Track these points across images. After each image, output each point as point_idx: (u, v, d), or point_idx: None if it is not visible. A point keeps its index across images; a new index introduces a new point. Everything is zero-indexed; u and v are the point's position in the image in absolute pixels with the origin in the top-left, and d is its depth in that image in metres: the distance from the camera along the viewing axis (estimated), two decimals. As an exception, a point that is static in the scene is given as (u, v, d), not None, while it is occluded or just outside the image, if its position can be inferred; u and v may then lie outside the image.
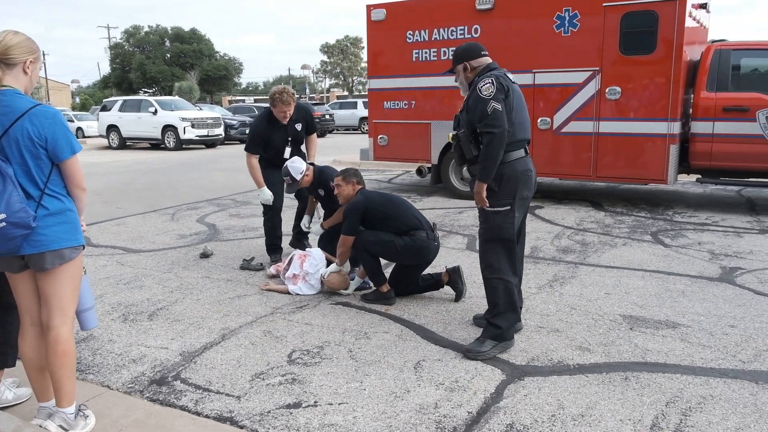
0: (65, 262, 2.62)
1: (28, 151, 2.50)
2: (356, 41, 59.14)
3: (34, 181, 2.54)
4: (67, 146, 2.57)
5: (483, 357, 3.54)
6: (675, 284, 4.94)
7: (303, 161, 5.41)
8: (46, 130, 2.51)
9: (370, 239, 4.44)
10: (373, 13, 9.74)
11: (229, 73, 57.61)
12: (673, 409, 2.95)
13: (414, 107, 9.60)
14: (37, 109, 2.53)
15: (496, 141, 3.39)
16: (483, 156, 3.46)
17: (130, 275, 5.43)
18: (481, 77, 3.56)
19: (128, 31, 56.87)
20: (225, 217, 8.26)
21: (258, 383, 3.29)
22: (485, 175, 3.48)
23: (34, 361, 2.73)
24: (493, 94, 3.41)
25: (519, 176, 3.57)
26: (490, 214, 3.60)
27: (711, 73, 7.73)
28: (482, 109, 3.41)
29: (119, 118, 22.12)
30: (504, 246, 3.62)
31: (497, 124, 3.38)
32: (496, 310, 3.64)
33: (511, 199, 3.56)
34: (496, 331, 3.61)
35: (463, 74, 3.74)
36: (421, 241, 4.44)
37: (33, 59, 2.62)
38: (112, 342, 3.90)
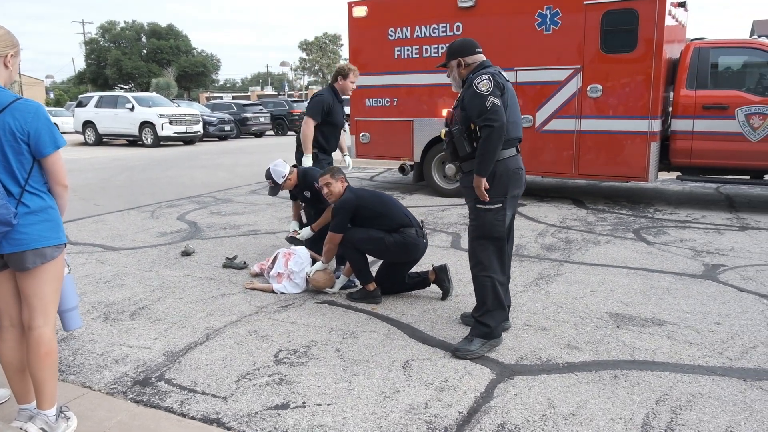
0: (47, 262, 2.53)
1: (10, 147, 2.42)
2: (335, 38, 58.97)
3: (14, 177, 2.45)
4: (51, 141, 2.49)
5: (472, 356, 3.52)
6: (659, 281, 4.97)
7: (286, 164, 5.33)
8: (28, 125, 2.43)
9: (359, 236, 4.39)
10: (355, 9, 9.67)
11: (206, 70, 57.05)
12: (663, 407, 2.95)
13: (396, 104, 9.56)
14: (19, 103, 2.45)
15: (495, 135, 3.37)
16: (482, 150, 3.43)
17: (110, 273, 5.31)
18: (476, 74, 3.53)
19: (104, 27, 56.00)
20: (206, 214, 8.14)
21: (245, 384, 3.23)
22: (483, 169, 3.46)
23: (14, 364, 2.64)
24: (491, 90, 3.39)
25: (511, 174, 3.57)
26: (481, 211, 3.58)
27: (690, 71, 7.81)
28: (480, 105, 3.39)
29: (95, 114, 21.73)
30: (494, 243, 3.61)
31: (496, 118, 3.36)
32: (485, 308, 3.62)
33: (503, 197, 3.56)
34: (485, 329, 3.59)
35: (456, 70, 3.71)
36: (410, 238, 4.41)
37: (14, 53, 2.54)
38: (93, 342, 3.80)
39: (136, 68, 51.20)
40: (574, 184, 10.75)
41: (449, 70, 3.77)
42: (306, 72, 60.86)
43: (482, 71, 3.54)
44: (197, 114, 22.33)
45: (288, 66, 42.70)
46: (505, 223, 3.63)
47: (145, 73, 50.54)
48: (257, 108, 27.62)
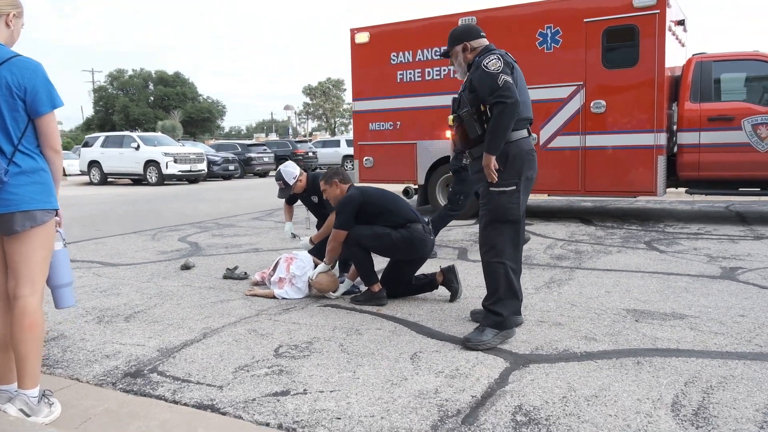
0: (37, 225, 2.40)
1: (5, 102, 2.32)
2: (338, 83, 59.88)
3: (8, 134, 2.35)
4: (48, 99, 2.40)
5: (483, 346, 3.31)
6: (676, 282, 4.77)
7: (297, 166, 5.28)
8: (26, 81, 2.35)
9: (364, 233, 4.23)
10: (357, 36, 9.75)
11: (212, 115, 57.84)
12: (693, 388, 2.74)
13: (399, 128, 9.52)
14: (18, 58, 2.37)
15: (508, 111, 3.26)
16: (493, 127, 3.30)
17: (107, 284, 5.14)
18: (483, 56, 3.45)
19: (112, 75, 57.12)
20: (208, 237, 8.00)
21: (242, 374, 3.02)
22: (494, 146, 3.33)
23: (1, 336, 2.47)
24: (502, 68, 3.31)
25: (525, 155, 3.45)
26: (494, 194, 3.43)
27: (694, 85, 7.76)
28: (491, 83, 3.30)
29: (101, 154, 21.84)
30: (509, 228, 3.45)
31: (509, 94, 3.26)
32: (496, 296, 3.43)
33: (517, 179, 3.42)
34: (497, 318, 3.39)
35: (462, 55, 3.63)
36: (418, 233, 4.25)
37: (16, 13, 2.48)
38: (85, 341, 3.61)
39: (142, 114, 51.94)
40: (580, 206, 10.60)
41: (453, 57, 3.70)
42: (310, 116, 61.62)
43: (489, 53, 3.46)
44: (202, 153, 22.44)
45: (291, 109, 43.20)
46: (520, 207, 3.48)
47: (151, 118, 51.22)
48: (261, 148, 27.80)
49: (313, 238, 5.11)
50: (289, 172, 5.17)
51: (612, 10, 7.75)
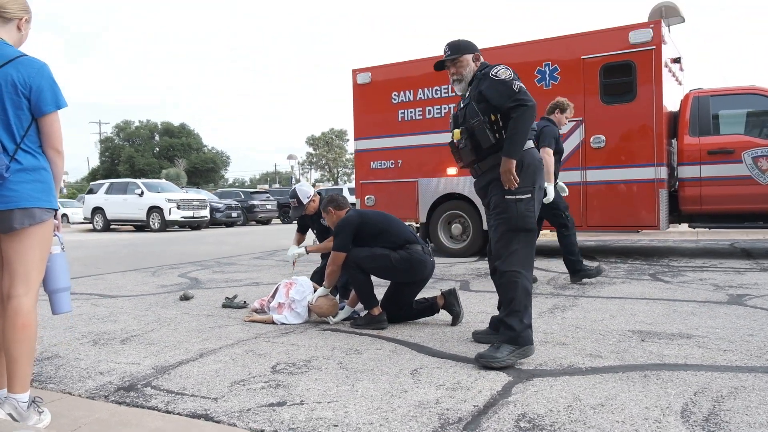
0: (35, 224, 2.38)
1: (10, 99, 2.34)
2: (341, 134, 60.72)
3: (11, 132, 2.35)
4: (52, 99, 2.41)
5: (497, 364, 3.13)
6: (682, 307, 4.69)
7: (311, 186, 5.32)
8: (31, 79, 2.37)
9: (363, 254, 4.19)
10: (359, 76, 9.94)
11: (216, 166, 58.43)
12: (703, 397, 2.65)
13: (401, 166, 9.58)
14: (25, 57, 2.41)
15: (529, 114, 3.23)
16: (513, 130, 3.24)
17: (105, 313, 5.07)
18: (488, 68, 3.42)
19: (119, 126, 58.10)
20: (208, 273, 7.95)
21: (238, 388, 2.94)
22: (515, 150, 3.25)
23: None
24: (514, 76, 3.30)
25: (537, 164, 3.41)
26: (511, 202, 3.32)
27: (692, 119, 7.84)
28: (507, 89, 3.26)
29: (105, 200, 21.97)
30: (526, 237, 3.35)
31: (528, 98, 3.24)
32: (512, 307, 3.27)
33: (531, 187, 3.36)
34: (512, 333, 3.22)
35: (471, 65, 3.55)
36: (417, 254, 4.21)
37: (27, 18, 2.55)
38: (79, 360, 3.54)
39: (148, 164, 52.52)
40: (583, 244, 10.54)
41: (459, 66, 3.55)
42: (313, 166, 62.24)
43: (493, 64, 3.46)
44: (205, 200, 22.55)
45: (295, 159, 43.61)
46: (535, 215, 3.38)
47: (156, 168, 51.76)
48: (264, 195, 27.96)
49: (309, 248, 5.10)
50: (304, 191, 5.20)
51: (609, 47, 7.91)
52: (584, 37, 8.18)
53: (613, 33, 7.91)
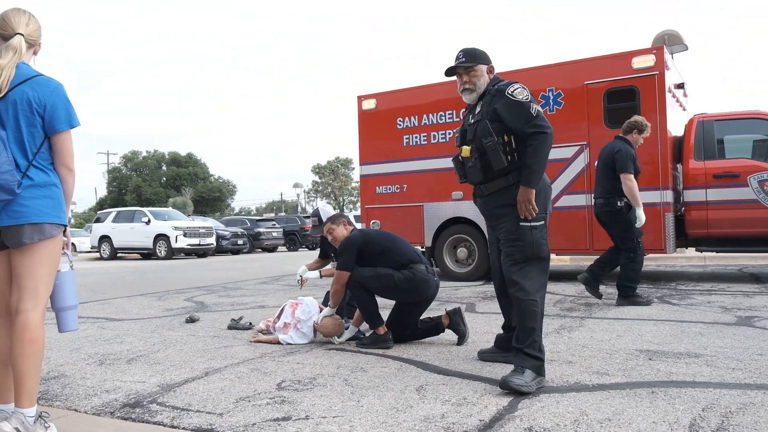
0: (45, 239, 2.41)
1: (24, 117, 2.40)
2: (347, 162, 61.08)
3: (24, 150, 2.41)
4: (66, 117, 2.48)
5: (527, 389, 2.96)
6: (690, 328, 4.66)
7: (332, 207, 5.40)
8: (46, 98, 2.43)
9: (367, 274, 4.20)
10: (364, 103, 10.06)
11: (222, 195, 58.77)
12: (712, 413, 2.62)
13: (406, 190, 9.63)
14: (41, 77, 2.48)
15: (549, 141, 3.15)
16: (534, 159, 3.13)
17: (111, 335, 5.08)
18: (503, 84, 3.30)
19: (126, 156, 58.68)
20: (214, 297, 7.95)
21: (243, 404, 2.94)
22: (535, 180, 3.14)
23: (3, 349, 2.46)
24: (530, 98, 3.19)
25: (547, 188, 3.35)
26: (525, 230, 3.19)
27: (697, 143, 7.88)
28: (524, 113, 3.15)
29: (112, 229, 22.10)
30: (540, 264, 3.24)
31: (547, 124, 3.15)
32: (532, 338, 3.13)
33: (544, 213, 3.27)
34: (537, 362, 3.10)
35: (486, 77, 3.42)
36: (421, 273, 4.22)
37: (41, 43, 2.63)
38: (85, 379, 3.54)
39: (155, 194, 52.89)
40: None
41: (473, 75, 3.39)
42: (319, 195, 62.52)
43: (508, 82, 3.32)
44: (211, 227, 22.64)
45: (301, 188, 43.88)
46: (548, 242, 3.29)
47: (163, 198, 52.09)
48: (270, 223, 28.07)
49: (323, 271, 5.08)
50: (327, 210, 5.29)
51: (612, 72, 8.00)
52: (587, 63, 8.28)
53: (616, 59, 8.00)
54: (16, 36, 2.46)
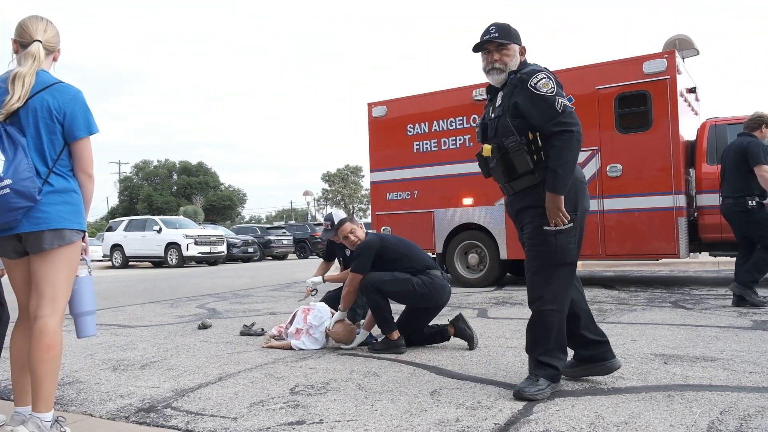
0: (64, 245, 2.43)
1: (45, 125, 2.42)
2: (356, 170, 61.21)
3: (44, 157, 2.43)
4: (85, 125, 2.50)
5: (542, 396, 2.90)
6: (705, 332, 4.62)
7: (345, 213, 5.47)
8: (66, 105, 2.46)
9: (384, 278, 4.19)
10: (374, 110, 10.09)
11: (233, 203, 59.02)
12: (730, 416, 2.59)
13: (417, 197, 9.63)
14: (61, 84, 2.51)
15: (575, 140, 2.84)
16: (559, 161, 2.82)
17: (124, 341, 5.10)
18: (528, 73, 2.96)
19: (138, 166, 59.12)
20: (226, 304, 7.98)
21: (257, 408, 2.94)
22: (562, 184, 2.83)
23: (23, 354, 2.49)
24: (556, 90, 2.86)
25: (579, 185, 2.99)
26: (550, 234, 2.92)
27: (710, 147, 7.83)
28: (548, 108, 2.84)
29: (124, 238, 22.26)
30: (565, 271, 2.96)
31: (573, 121, 2.84)
32: (546, 346, 2.97)
33: (573, 213, 2.94)
34: (552, 371, 2.97)
35: (517, 57, 3.09)
36: (438, 279, 4.22)
37: (60, 49, 2.65)
38: (99, 384, 3.56)
39: (166, 203, 53.21)
40: (601, 275, 10.45)
41: (504, 54, 3.07)
42: (329, 203, 62.65)
43: (533, 68, 3.00)
44: (222, 235, 22.74)
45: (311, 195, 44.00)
46: (578, 245, 3.00)
47: (174, 207, 52.38)
48: (280, 231, 28.15)
49: (326, 277, 5.14)
50: (339, 214, 5.35)
51: (623, 77, 7.97)
52: (598, 67, 8.26)
53: (628, 64, 7.98)
54: (34, 43, 2.49)
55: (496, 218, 8.83)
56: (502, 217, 8.74)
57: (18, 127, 2.40)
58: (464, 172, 9.11)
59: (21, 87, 2.39)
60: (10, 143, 2.35)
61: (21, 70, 2.42)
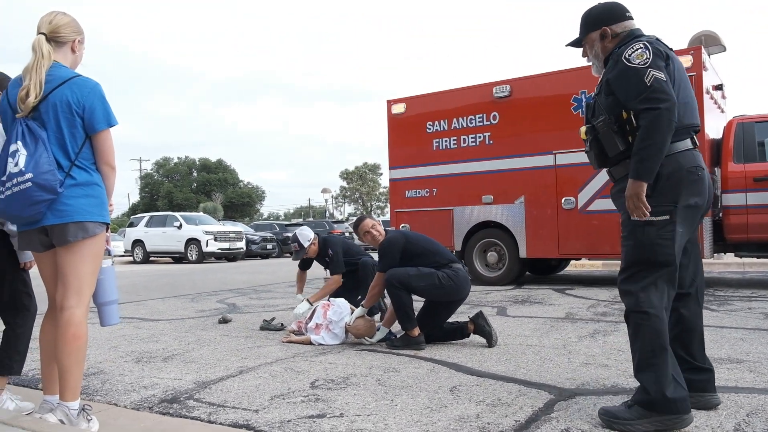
0: (88, 237, 2.47)
1: (65, 119, 2.45)
2: (374, 168, 61.21)
3: (65, 150, 2.46)
4: (104, 117, 2.53)
5: (619, 426, 2.45)
6: (731, 334, 4.55)
7: (311, 231, 5.53)
8: (85, 99, 2.48)
9: (410, 272, 4.18)
10: (394, 107, 10.08)
11: (251, 200, 59.36)
12: (757, 418, 2.56)
13: (436, 194, 9.60)
14: (79, 78, 2.53)
15: (664, 120, 2.43)
16: (642, 143, 2.47)
17: (146, 334, 5.17)
18: (626, 44, 2.64)
19: (158, 162, 59.73)
20: (246, 299, 8.04)
21: (278, 401, 2.96)
22: (646, 169, 2.47)
23: (51, 344, 2.53)
24: (650, 61, 2.50)
25: (684, 175, 2.55)
26: (638, 226, 2.56)
27: (736, 146, 7.69)
28: (636, 82, 2.50)
29: (145, 233, 22.49)
30: (657, 272, 2.53)
31: (663, 97, 2.44)
32: (639, 359, 2.53)
33: (671, 205, 2.54)
34: (644, 396, 2.46)
35: (599, 44, 2.77)
36: (462, 272, 4.22)
37: (80, 39, 2.66)
38: (123, 375, 3.61)
39: (186, 199, 53.68)
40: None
41: (588, 46, 2.84)
42: (347, 200, 62.78)
43: (634, 40, 2.64)
44: (241, 232, 22.88)
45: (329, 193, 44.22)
46: (676, 244, 2.54)
47: (194, 203, 52.82)
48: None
49: (311, 299, 5.23)
50: (305, 234, 5.43)
51: (645, 74, 7.84)
52: (620, 65, 8.14)
53: (651, 60, 7.85)
54: (36, 36, 2.52)
55: (516, 216, 8.78)
56: (522, 215, 8.69)
57: (39, 122, 2.44)
58: (484, 169, 9.07)
59: (29, 79, 2.43)
60: (31, 138, 2.38)
61: (27, 65, 2.46)
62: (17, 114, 2.44)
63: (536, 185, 8.61)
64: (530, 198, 8.67)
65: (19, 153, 2.36)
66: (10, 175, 2.36)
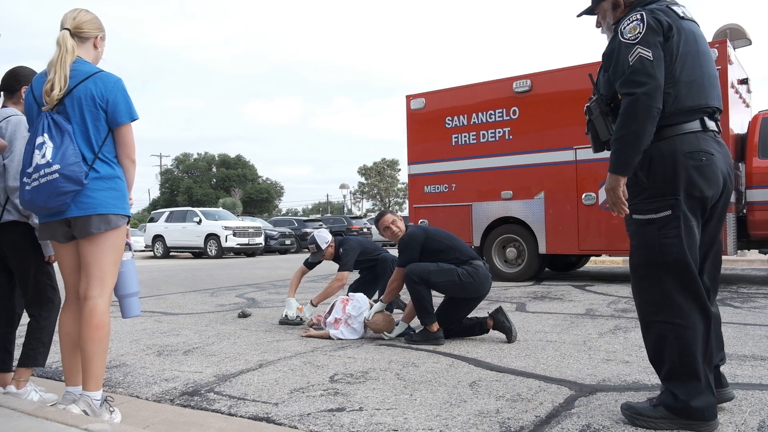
0: (110, 229, 2.51)
1: (90, 112, 2.49)
2: (393, 163, 61.18)
3: (90, 143, 2.51)
4: (126, 111, 2.57)
5: (640, 421, 2.37)
6: (755, 331, 4.48)
7: (329, 233, 5.55)
8: (108, 93, 2.53)
9: (430, 268, 4.18)
10: (413, 102, 10.05)
11: (270, 196, 59.72)
12: (781, 416, 2.51)
13: (455, 190, 9.57)
14: (102, 73, 2.57)
15: (640, 106, 2.21)
16: (618, 132, 2.27)
17: (167, 328, 5.22)
18: (625, 18, 2.39)
19: (178, 158, 60.33)
20: (264, 294, 8.09)
21: (298, 394, 2.97)
22: (621, 162, 2.28)
23: (72, 335, 2.57)
24: (641, 36, 2.25)
25: (682, 160, 2.29)
26: (639, 224, 2.38)
27: (762, 141, 7.55)
28: (622, 60, 2.28)
29: (165, 228, 22.73)
30: (670, 272, 2.31)
31: (642, 80, 2.21)
32: (664, 368, 2.36)
33: (672, 198, 2.29)
34: (670, 400, 2.33)
35: (612, 14, 2.55)
36: (482, 269, 4.21)
37: (102, 36, 2.71)
38: (145, 368, 3.65)
39: (205, 195, 54.19)
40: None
41: (600, 16, 2.64)
42: (365, 196, 62.85)
43: (637, 9, 2.39)
44: (260, 227, 23.02)
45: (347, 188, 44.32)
46: (685, 240, 2.30)
47: (213, 199, 53.30)
48: (317, 224, 28.36)
49: (314, 300, 5.24)
50: (323, 237, 5.45)
51: (668, 68, 7.73)
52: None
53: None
54: (60, 32, 2.56)
55: (536, 212, 8.71)
56: (542, 210, 8.62)
57: (64, 115, 2.48)
58: (503, 165, 9.02)
59: (53, 73, 2.47)
60: (57, 131, 2.43)
61: (51, 60, 2.51)
62: (42, 107, 2.49)
63: (556, 180, 8.54)
64: (550, 193, 8.60)
65: (45, 145, 2.40)
66: (38, 166, 2.40)
